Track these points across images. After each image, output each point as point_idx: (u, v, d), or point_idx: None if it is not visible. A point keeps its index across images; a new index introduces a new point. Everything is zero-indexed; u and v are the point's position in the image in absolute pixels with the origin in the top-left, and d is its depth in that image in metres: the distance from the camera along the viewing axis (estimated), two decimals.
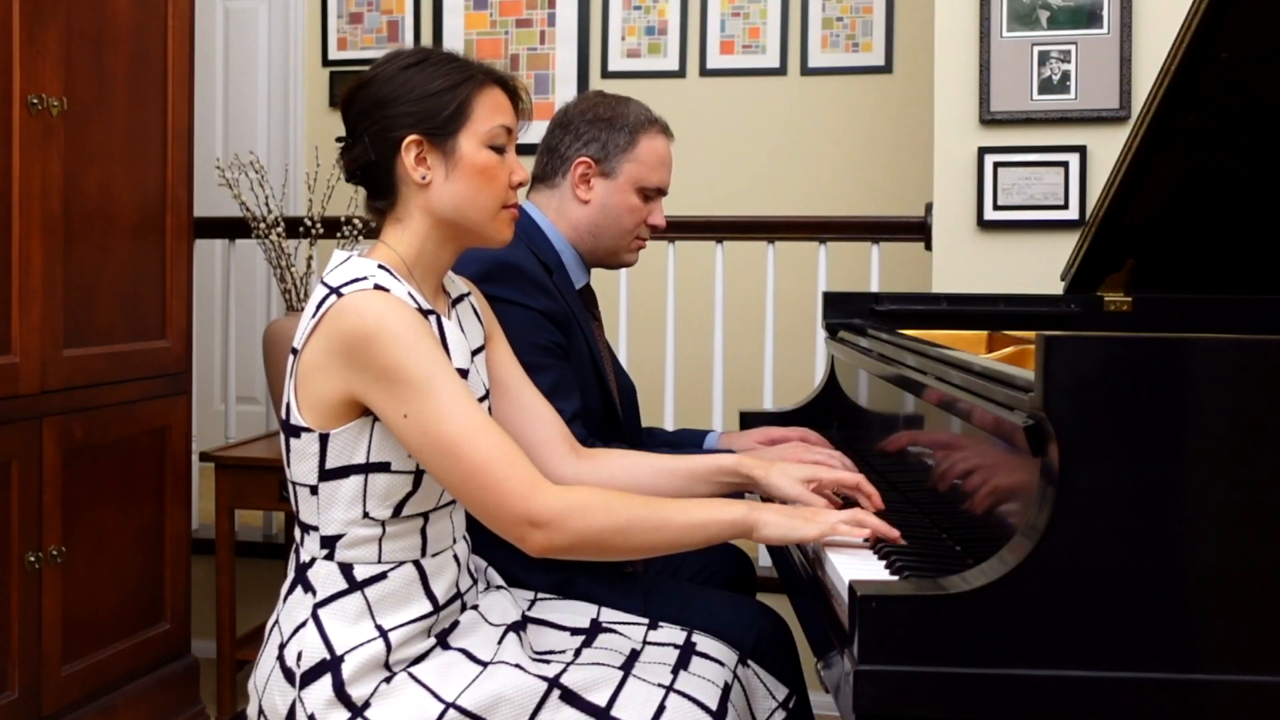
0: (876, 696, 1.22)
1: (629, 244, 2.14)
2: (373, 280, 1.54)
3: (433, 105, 1.60)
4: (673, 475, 1.79)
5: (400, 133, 1.60)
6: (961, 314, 2.41)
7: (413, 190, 1.62)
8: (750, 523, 1.53)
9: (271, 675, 1.57)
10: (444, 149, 1.61)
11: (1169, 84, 1.81)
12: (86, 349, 2.59)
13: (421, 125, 1.60)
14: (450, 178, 1.62)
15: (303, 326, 1.57)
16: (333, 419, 1.54)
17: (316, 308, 1.54)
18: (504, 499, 1.47)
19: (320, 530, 1.57)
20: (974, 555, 1.42)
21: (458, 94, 1.61)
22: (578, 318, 2.03)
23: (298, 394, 1.56)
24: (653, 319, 3.92)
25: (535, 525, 1.47)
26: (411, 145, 1.60)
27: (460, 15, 5.07)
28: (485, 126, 1.63)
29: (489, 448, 1.48)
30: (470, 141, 1.62)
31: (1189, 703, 1.22)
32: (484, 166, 1.62)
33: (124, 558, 2.73)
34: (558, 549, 1.51)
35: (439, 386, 1.48)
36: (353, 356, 1.50)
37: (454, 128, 1.61)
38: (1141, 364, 1.24)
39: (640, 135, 2.10)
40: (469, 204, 1.63)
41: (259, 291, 4.64)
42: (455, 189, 1.62)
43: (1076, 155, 3.00)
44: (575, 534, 1.48)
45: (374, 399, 1.50)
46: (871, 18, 4.74)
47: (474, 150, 1.62)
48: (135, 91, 2.72)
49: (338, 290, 1.53)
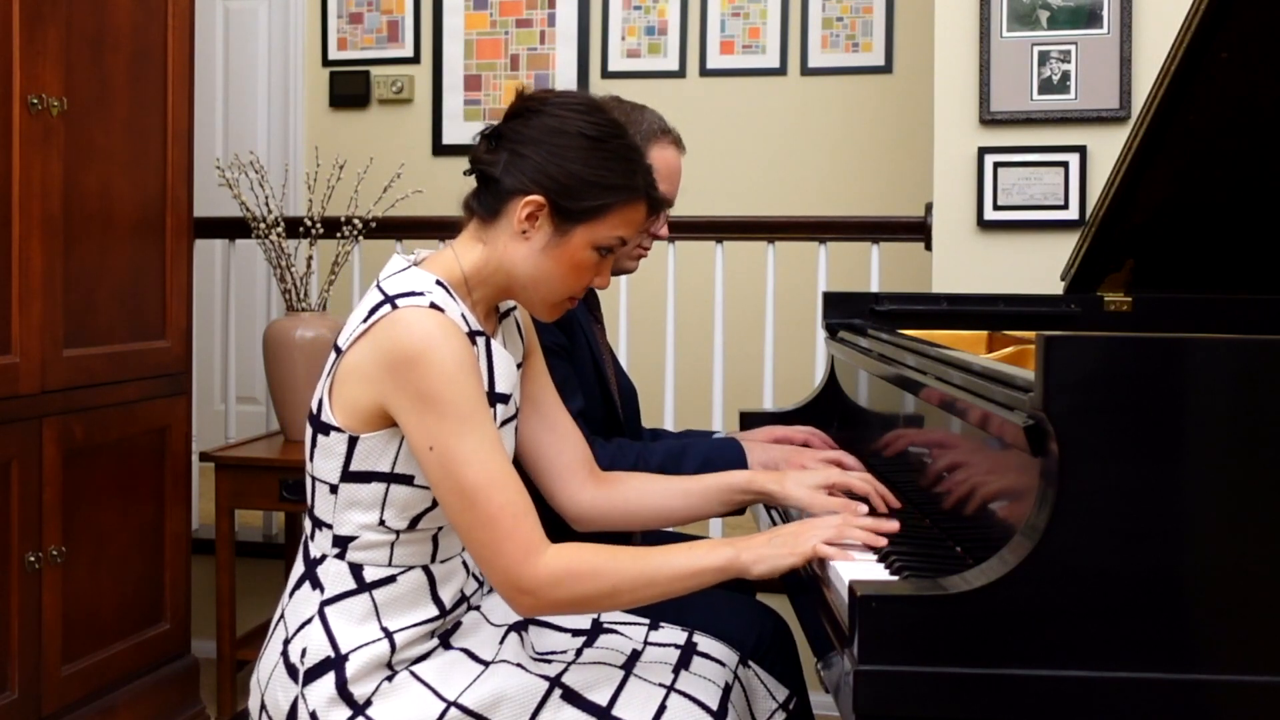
0: (876, 697, 1.22)
1: (631, 250, 2.14)
2: (430, 297, 1.52)
3: (579, 189, 1.56)
4: (686, 495, 1.79)
5: (533, 185, 1.56)
6: (961, 314, 2.41)
7: (508, 231, 1.59)
8: (737, 565, 1.52)
9: (275, 670, 1.57)
10: (558, 227, 1.58)
11: (1169, 84, 1.81)
12: (86, 349, 2.59)
13: (555, 195, 1.56)
14: (546, 251, 1.59)
15: (350, 327, 1.55)
16: (364, 424, 1.53)
17: (369, 313, 1.53)
18: (499, 558, 1.48)
19: (334, 529, 1.57)
20: (974, 555, 1.42)
21: (608, 196, 1.57)
22: (579, 319, 2.03)
23: (333, 392, 1.56)
24: (653, 319, 3.92)
25: (523, 592, 1.48)
26: (532, 203, 1.57)
27: (460, 15, 5.07)
28: (608, 233, 1.59)
29: (500, 504, 1.47)
30: (584, 237, 1.58)
31: (1189, 703, 1.22)
32: (581, 263, 1.60)
33: (124, 558, 2.73)
34: (542, 613, 1.57)
35: (470, 429, 1.47)
36: (395, 373, 1.48)
37: (580, 219, 1.57)
38: (1141, 364, 1.24)
39: (651, 144, 2.09)
40: (544, 282, 1.60)
41: (259, 291, 4.64)
42: (542, 263, 1.59)
43: (1076, 155, 3.00)
44: (559, 603, 1.50)
45: (406, 420, 1.49)
46: (871, 18, 4.74)
47: (582, 246, 1.59)
48: (135, 91, 2.72)
49: (393, 300, 1.51)
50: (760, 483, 1.77)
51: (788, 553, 1.51)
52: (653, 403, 3.33)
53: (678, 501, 1.78)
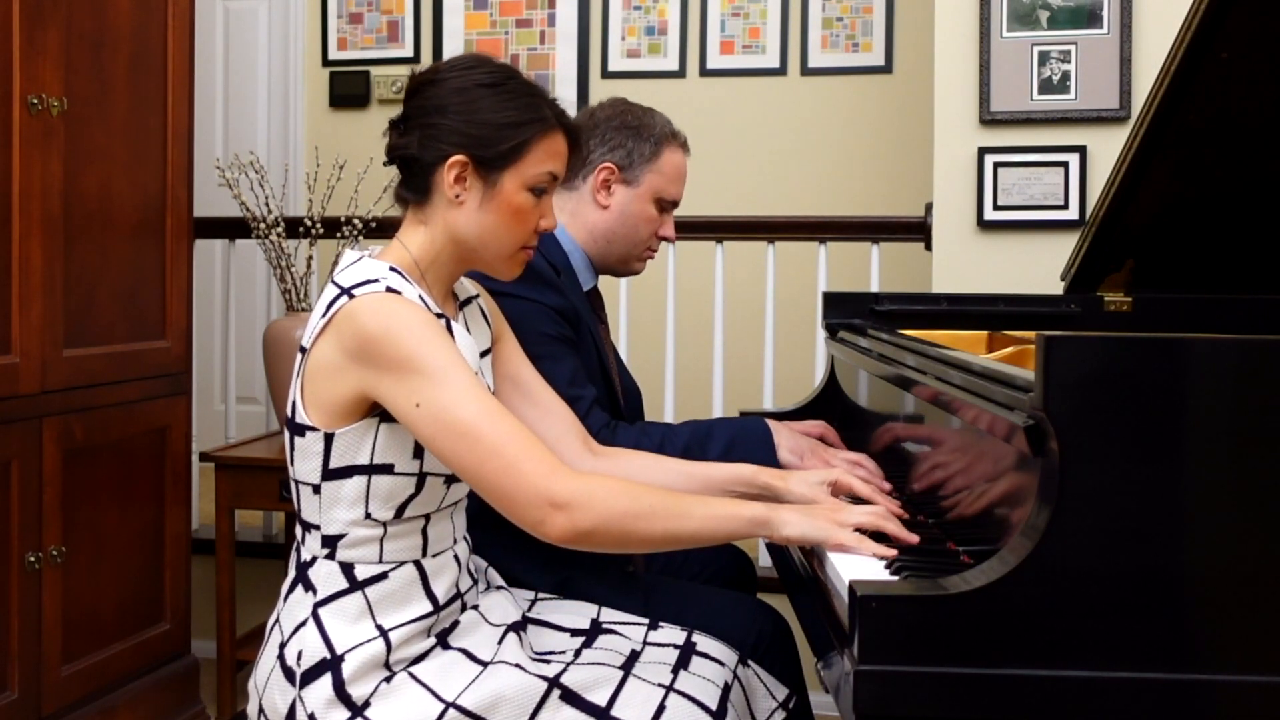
0: (876, 696, 1.22)
1: (640, 253, 2.15)
2: (385, 283, 1.53)
3: (492, 135, 1.59)
4: (689, 479, 1.79)
5: (450, 148, 1.59)
6: (961, 314, 2.41)
7: (443, 202, 1.62)
8: (771, 519, 1.53)
9: (272, 674, 1.57)
10: (487, 179, 1.60)
11: (1169, 84, 1.81)
12: (86, 349, 2.59)
13: (474, 149, 1.59)
14: (483, 207, 1.61)
15: (312, 325, 1.57)
16: (339, 418, 1.54)
17: (327, 307, 1.54)
18: (524, 479, 1.45)
19: (322, 529, 1.57)
20: (974, 555, 1.42)
21: (521, 132, 1.60)
22: (584, 316, 2.03)
23: (304, 392, 1.56)
24: (653, 319, 3.92)
25: (557, 507, 1.44)
26: (456, 164, 1.59)
27: (460, 15, 5.07)
28: (534, 170, 1.61)
29: (506, 429, 1.47)
30: (514, 181, 1.61)
31: (1189, 703, 1.21)
32: (518, 208, 1.62)
33: (124, 558, 2.73)
34: (580, 532, 1.45)
35: (452, 374, 1.48)
36: (365, 354, 1.50)
37: (504, 164, 1.60)
38: (1141, 364, 1.24)
39: (664, 147, 2.10)
40: (491, 237, 1.62)
41: (259, 291, 4.64)
42: (483, 219, 1.61)
43: (1076, 155, 3.00)
44: (599, 516, 1.44)
45: (386, 393, 1.50)
46: (871, 18, 4.74)
47: (514, 190, 1.61)
48: (135, 92, 2.72)
49: (349, 291, 1.53)
50: (765, 479, 1.77)
51: (824, 527, 1.51)
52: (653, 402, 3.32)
53: (679, 483, 1.78)
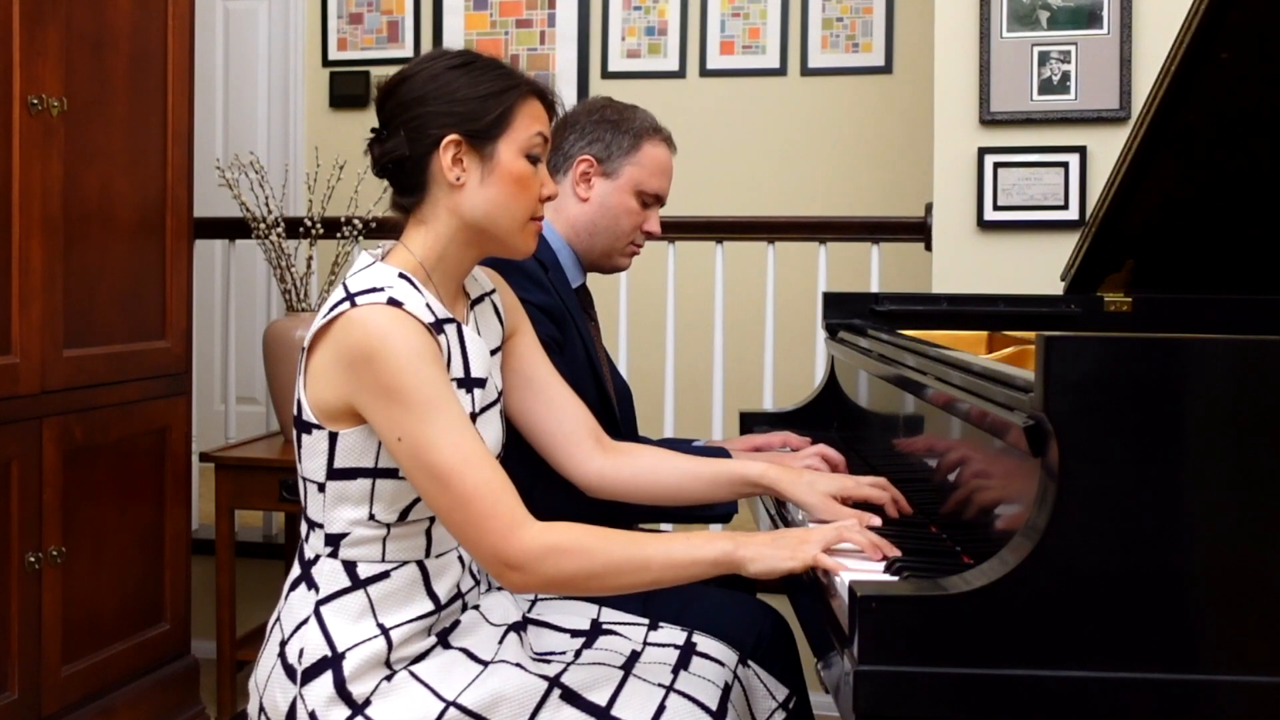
0: (876, 697, 1.22)
1: (624, 248, 2.15)
2: (389, 293, 1.53)
3: (477, 108, 1.60)
4: (696, 478, 1.79)
5: (440, 131, 1.59)
6: (961, 314, 2.41)
7: (443, 191, 1.62)
8: (734, 560, 1.50)
9: (273, 672, 1.57)
10: (483, 153, 1.61)
11: (1169, 84, 1.81)
12: (86, 349, 2.59)
13: (463, 126, 1.59)
14: (485, 183, 1.61)
15: (316, 323, 1.57)
16: (339, 420, 1.54)
17: (331, 308, 1.54)
18: (484, 536, 1.48)
19: (325, 528, 1.57)
20: (974, 555, 1.42)
21: (502, 100, 1.61)
22: (574, 316, 2.03)
23: (307, 390, 1.57)
24: (652, 320, 3.92)
25: (511, 567, 1.48)
26: (450, 145, 1.59)
27: (460, 15, 5.07)
28: (525, 135, 1.62)
29: (476, 482, 1.48)
30: (509, 149, 1.61)
31: (1189, 703, 1.21)
32: (519, 175, 1.62)
33: (124, 558, 2.73)
34: (531, 589, 1.57)
35: (435, 413, 1.48)
36: (354, 371, 1.50)
37: (496, 133, 1.60)
38: (1141, 364, 1.24)
39: (644, 140, 2.10)
40: (500, 211, 1.62)
41: (259, 291, 4.64)
42: (489, 194, 1.61)
43: (1076, 155, 3.00)
44: (548, 578, 1.49)
45: (373, 417, 1.51)
46: (871, 18, 4.74)
47: (512, 158, 1.62)
48: (135, 92, 2.72)
49: (354, 298, 1.53)
50: (772, 478, 1.76)
51: (788, 555, 1.50)
52: (652, 403, 3.33)
53: (687, 482, 1.79)
